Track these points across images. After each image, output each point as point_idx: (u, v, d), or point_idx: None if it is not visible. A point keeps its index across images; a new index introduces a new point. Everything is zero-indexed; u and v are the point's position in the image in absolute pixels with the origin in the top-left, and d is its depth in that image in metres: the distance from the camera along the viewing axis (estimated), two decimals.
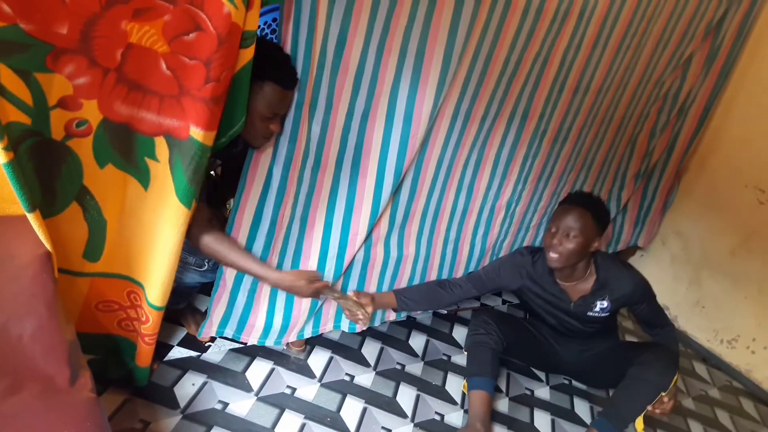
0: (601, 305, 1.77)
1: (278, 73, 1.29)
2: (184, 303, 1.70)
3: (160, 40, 1.03)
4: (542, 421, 1.85)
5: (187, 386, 1.52)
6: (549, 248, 1.69)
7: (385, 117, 1.50)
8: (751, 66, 2.42)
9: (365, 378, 1.78)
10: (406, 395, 1.76)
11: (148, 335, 1.34)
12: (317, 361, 1.78)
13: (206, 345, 1.69)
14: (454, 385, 1.88)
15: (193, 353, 1.64)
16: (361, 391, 1.71)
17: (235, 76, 1.15)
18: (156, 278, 1.26)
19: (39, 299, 0.98)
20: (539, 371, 2.10)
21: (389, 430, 1.60)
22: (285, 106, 1.35)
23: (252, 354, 1.71)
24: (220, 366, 1.63)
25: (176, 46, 1.04)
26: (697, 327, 2.65)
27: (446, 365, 1.98)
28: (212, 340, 1.72)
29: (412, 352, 1.99)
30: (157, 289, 1.26)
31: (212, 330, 1.59)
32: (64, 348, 0.96)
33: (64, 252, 1.16)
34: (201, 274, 1.57)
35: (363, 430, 1.57)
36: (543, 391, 2.00)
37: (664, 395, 1.65)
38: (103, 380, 1.42)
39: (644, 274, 1.82)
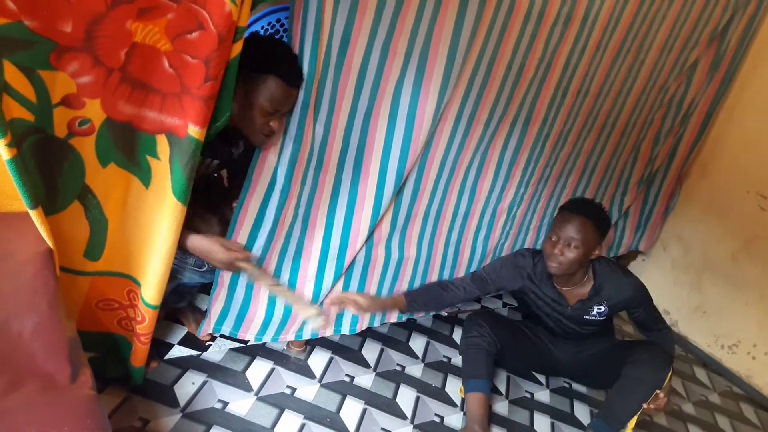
0: (598, 309, 1.77)
1: (282, 68, 1.29)
2: (184, 302, 1.70)
3: (163, 39, 1.03)
4: (542, 424, 1.84)
5: (187, 385, 1.52)
6: (550, 257, 1.69)
7: (388, 117, 1.50)
8: (753, 72, 2.42)
9: (365, 379, 1.78)
10: (406, 397, 1.76)
11: (144, 334, 1.34)
12: (317, 361, 1.78)
13: (206, 344, 1.69)
14: (454, 387, 1.88)
15: (193, 352, 1.64)
16: (361, 392, 1.71)
17: (225, 68, 1.14)
18: (152, 276, 1.25)
19: (40, 296, 0.98)
20: (538, 374, 2.10)
21: (388, 431, 1.60)
22: (287, 104, 1.34)
23: (252, 354, 1.71)
24: (220, 365, 1.63)
25: (179, 44, 1.04)
26: (698, 332, 2.65)
27: (446, 367, 1.97)
28: (212, 339, 1.72)
29: (412, 354, 1.98)
30: (153, 287, 1.26)
31: (210, 327, 1.59)
32: (65, 345, 0.96)
33: (65, 250, 1.15)
34: (200, 275, 1.57)
35: (362, 431, 1.57)
36: (543, 394, 2.00)
37: (659, 392, 1.65)
38: (103, 378, 1.42)
39: (645, 279, 1.82)
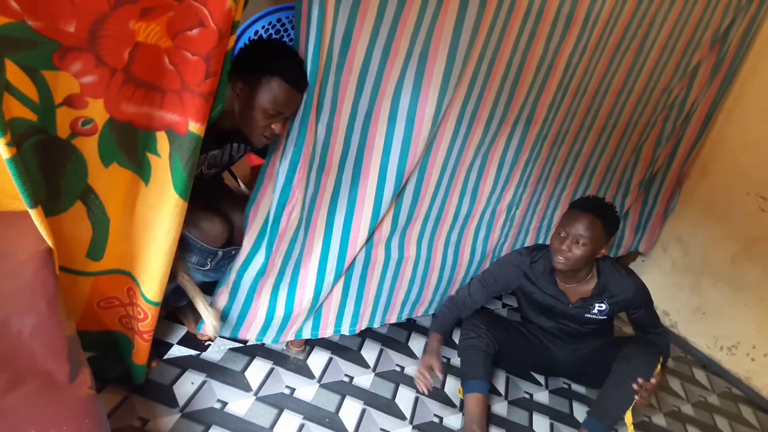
0: (599, 308, 1.77)
1: (288, 71, 1.29)
2: (184, 301, 1.70)
3: (164, 36, 1.03)
4: (541, 424, 1.84)
5: (186, 385, 1.52)
6: (557, 252, 1.69)
7: (388, 118, 1.50)
8: (753, 73, 2.42)
9: (364, 379, 1.78)
10: (405, 397, 1.76)
11: (146, 332, 1.34)
12: (317, 361, 1.78)
13: (206, 344, 1.69)
14: (453, 387, 1.88)
15: (192, 352, 1.64)
16: (360, 393, 1.71)
17: None
18: (153, 273, 1.25)
19: (39, 295, 0.98)
20: (536, 374, 2.10)
21: None
22: (290, 107, 1.34)
23: (251, 354, 1.71)
24: (220, 365, 1.63)
25: (180, 41, 1.04)
26: (697, 333, 2.65)
27: (445, 367, 1.97)
28: (212, 338, 1.71)
29: (411, 354, 1.98)
30: (154, 284, 1.26)
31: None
32: (64, 344, 0.96)
33: (67, 251, 1.15)
34: (203, 273, 1.57)
35: (361, 431, 1.57)
36: (542, 395, 2.00)
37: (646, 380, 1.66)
38: (103, 377, 1.42)
39: (645, 280, 1.82)
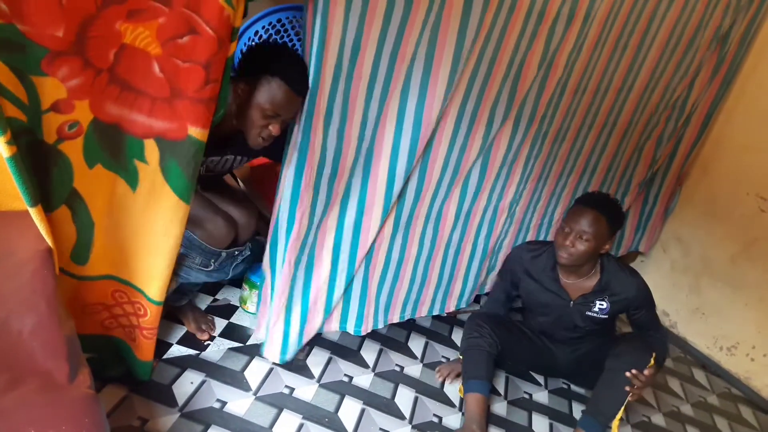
0: (600, 305, 1.77)
1: (289, 73, 1.29)
2: (184, 300, 1.70)
3: (154, 42, 1.02)
4: (540, 424, 1.84)
5: (186, 384, 1.52)
6: (560, 247, 1.70)
7: (395, 122, 1.50)
8: (753, 73, 2.42)
9: (364, 379, 1.78)
10: (405, 397, 1.76)
11: (147, 329, 1.34)
12: (316, 361, 1.78)
13: (205, 343, 1.69)
14: (453, 387, 1.88)
15: (192, 351, 1.64)
16: (359, 392, 1.71)
17: None
18: (154, 274, 1.25)
19: (39, 295, 0.97)
20: (537, 374, 2.10)
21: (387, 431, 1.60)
22: (288, 110, 1.34)
23: (251, 353, 1.71)
24: (219, 365, 1.63)
25: (170, 48, 1.03)
26: (697, 333, 2.65)
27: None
28: (211, 338, 1.72)
29: (411, 354, 1.98)
30: (156, 285, 1.26)
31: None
32: (64, 344, 0.96)
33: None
34: (207, 274, 1.58)
35: (361, 431, 1.57)
36: (541, 395, 2.00)
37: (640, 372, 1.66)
38: (102, 377, 1.42)
39: (645, 280, 1.82)
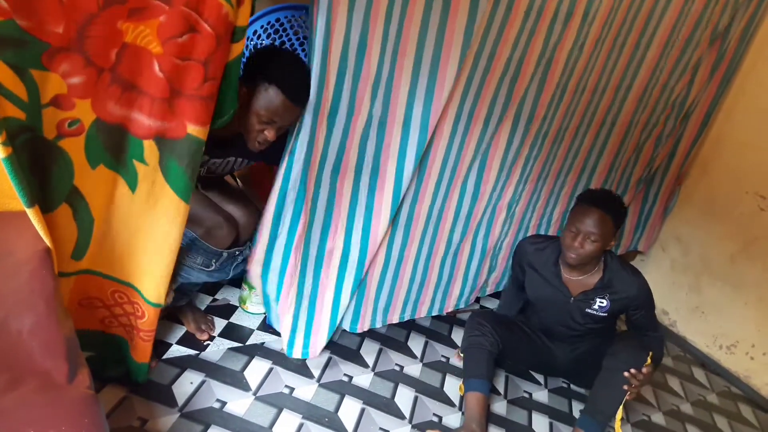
0: (600, 303, 1.77)
1: (287, 82, 1.30)
2: (184, 300, 1.70)
3: (155, 41, 1.02)
4: (540, 424, 1.84)
5: (185, 384, 1.52)
6: (569, 248, 1.70)
7: (402, 123, 1.50)
8: (753, 72, 2.41)
9: (364, 379, 1.78)
10: (405, 396, 1.76)
11: (144, 331, 1.33)
12: (316, 361, 1.77)
13: (205, 343, 1.69)
14: (453, 386, 1.88)
15: (191, 351, 1.64)
16: (359, 392, 1.71)
17: (226, 67, 1.15)
18: (153, 276, 1.25)
19: (38, 295, 0.97)
20: (537, 373, 2.10)
21: (387, 431, 1.60)
22: (284, 117, 1.35)
23: (250, 353, 1.71)
24: (219, 365, 1.62)
25: (170, 47, 1.03)
26: (696, 332, 2.65)
27: (445, 367, 1.97)
28: (211, 338, 1.72)
29: (410, 354, 1.98)
30: (154, 286, 1.26)
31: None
32: (63, 344, 0.96)
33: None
34: (208, 274, 1.58)
35: (361, 431, 1.56)
36: (541, 394, 2.00)
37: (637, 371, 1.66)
38: (102, 377, 1.42)
39: (647, 280, 1.81)
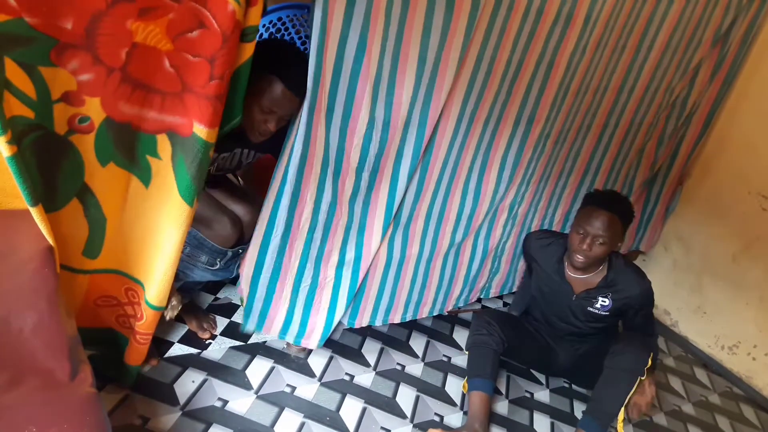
0: (602, 302, 1.77)
1: (286, 71, 1.30)
2: (186, 299, 1.70)
3: (164, 38, 1.02)
4: (541, 423, 1.84)
5: (187, 383, 1.52)
6: (577, 251, 1.70)
7: (403, 125, 1.50)
8: (756, 73, 2.41)
9: (365, 378, 1.78)
10: (406, 396, 1.76)
11: (141, 334, 1.33)
12: (317, 360, 1.78)
13: (206, 342, 1.69)
14: (454, 386, 1.88)
15: (193, 350, 1.64)
16: (360, 391, 1.71)
17: (236, 71, 1.14)
18: (155, 276, 1.25)
19: (40, 294, 0.98)
20: (539, 374, 2.10)
21: (388, 431, 1.60)
22: (283, 107, 1.35)
23: (252, 352, 1.71)
24: (221, 363, 1.63)
25: (180, 43, 1.04)
26: (698, 332, 2.64)
27: (446, 366, 1.97)
28: (212, 337, 1.72)
29: (412, 353, 1.98)
30: (156, 288, 1.25)
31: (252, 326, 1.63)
32: (65, 342, 0.96)
33: (64, 248, 1.15)
34: (212, 273, 1.58)
35: (362, 430, 1.56)
36: (543, 394, 2.00)
37: (643, 380, 1.66)
38: (103, 376, 1.42)
39: (650, 282, 1.81)
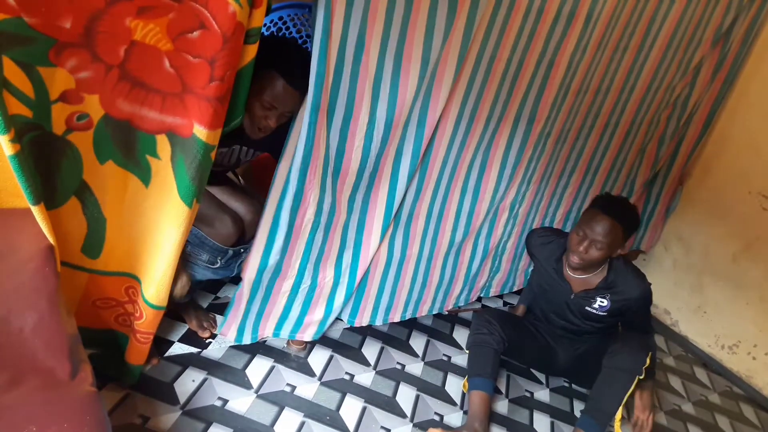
0: (600, 302, 1.77)
1: (287, 67, 1.30)
2: (186, 298, 1.70)
3: (165, 38, 1.02)
4: (542, 423, 1.84)
5: (187, 382, 1.52)
6: (573, 252, 1.70)
7: (402, 125, 1.50)
8: (756, 72, 2.41)
9: (365, 377, 1.78)
10: (406, 395, 1.76)
11: (141, 333, 1.32)
12: (317, 359, 1.78)
13: (207, 341, 1.69)
14: (454, 385, 1.88)
15: (193, 349, 1.64)
16: (360, 391, 1.71)
17: (238, 72, 1.14)
18: (154, 276, 1.25)
19: (41, 293, 0.98)
20: (539, 373, 2.10)
21: (388, 430, 1.60)
22: (284, 103, 1.35)
23: (252, 351, 1.71)
24: (221, 363, 1.63)
25: (180, 44, 1.03)
26: (698, 332, 2.64)
27: (446, 366, 1.97)
28: (213, 336, 1.72)
29: (412, 352, 1.98)
30: (154, 287, 1.25)
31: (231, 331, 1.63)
32: (65, 342, 0.96)
33: (62, 245, 1.15)
34: (213, 272, 1.58)
35: (362, 430, 1.56)
36: (543, 394, 2.00)
37: (639, 399, 1.68)
38: (104, 375, 1.42)
39: (650, 284, 1.81)
